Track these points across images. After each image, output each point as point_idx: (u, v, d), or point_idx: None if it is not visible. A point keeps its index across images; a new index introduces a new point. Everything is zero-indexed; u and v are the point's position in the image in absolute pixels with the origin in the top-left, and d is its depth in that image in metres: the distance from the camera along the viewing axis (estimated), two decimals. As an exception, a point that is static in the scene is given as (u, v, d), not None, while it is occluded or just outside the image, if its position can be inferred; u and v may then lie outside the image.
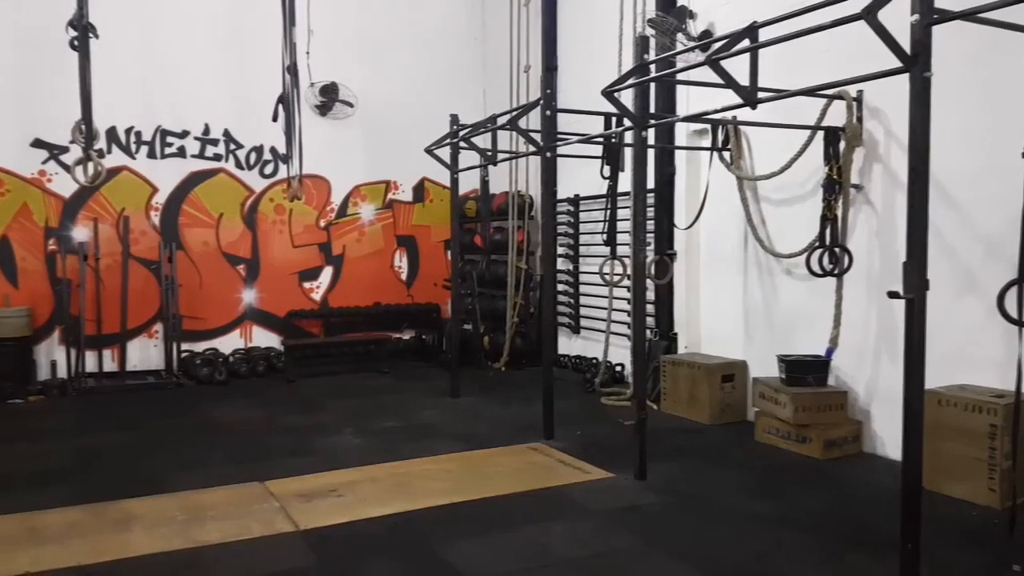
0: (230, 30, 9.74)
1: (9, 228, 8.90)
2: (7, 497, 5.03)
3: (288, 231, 10.39)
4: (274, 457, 6.03)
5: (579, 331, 9.68)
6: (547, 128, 6.42)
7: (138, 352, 9.44)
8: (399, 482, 5.39)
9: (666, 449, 5.98)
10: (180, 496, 5.07)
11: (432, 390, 8.66)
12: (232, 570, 3.96)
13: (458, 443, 6.39)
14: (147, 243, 9.48)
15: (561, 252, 9.67)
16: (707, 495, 5.06)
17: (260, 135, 9.91)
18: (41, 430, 7.01)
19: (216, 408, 7.88)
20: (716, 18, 7.30)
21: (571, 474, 5.51)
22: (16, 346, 8.56)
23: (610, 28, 8.23)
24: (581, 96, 9.26)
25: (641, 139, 5.25)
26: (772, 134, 6.51)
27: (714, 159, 7.09)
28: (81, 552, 4.15)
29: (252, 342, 10.12)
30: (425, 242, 11.27)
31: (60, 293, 8.92)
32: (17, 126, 8.84)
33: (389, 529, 4.50)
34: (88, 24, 6.63)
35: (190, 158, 9.74)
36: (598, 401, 7.93)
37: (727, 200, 7.11)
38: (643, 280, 5.42)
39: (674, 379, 7.33)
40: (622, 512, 4.74)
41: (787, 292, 6.77)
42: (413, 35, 10.86)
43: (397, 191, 11.07)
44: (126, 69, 8.99)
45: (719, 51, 4.35)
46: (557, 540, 4.33)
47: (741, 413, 7.04)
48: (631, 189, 5.70)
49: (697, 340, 7.79)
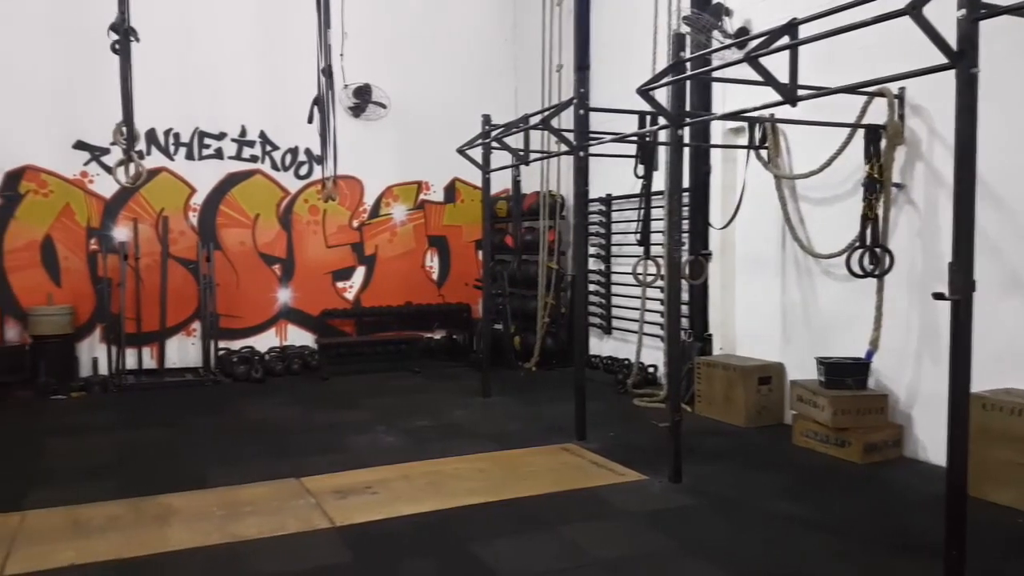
0: (266, 33, 9.87)
1: (52, 228, 9.12)
2: (52, 491, 5.14)
3: (322, 231, 10.50)
4: (309, 454, 6.08)
5: (611, 331, 9.63)
6: (580, 127, 6.40)
7: (177, 350, 9.60)
8: (432, 480, 5.40)
9: (701, 452, 5.93)
10: (218, 491, 5.14)
11: (463, 390, 8.68)
12: (270, 565, 4.00)
13: (490, 443, 6.39)
14: (186, 243, 9.64)
15: (593, 252, 9.63)
16: (743, 498, 5.00)
17: (295, 137, 10.03)
18: (83, 426, 7.15)
19: (252, 405, 7.98)
20: (752, 15, 7.21)
21: (604, 475, 5.47)
22: (59, 343, 8.75)
23: (643, 27, 8.17)
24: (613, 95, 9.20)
25: (677, 137, 5.20)
26: (810, 132, 6.41)
27: (751, 157, 7.01)
28: (122, 545, 4.22)
29: (287, 340, 10.24)
30: (456, 242, 11.31)
31: (101, 292, 9.10)
32: (60, 128, 9.05)
33: (423, 527, 4.51)
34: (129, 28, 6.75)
35: (227, 159, 9.90)
36: (630, 402, 7.88)
37: (764, 199, 7.02)
38: (678, 280, 5.37)
39: (709, 381, 7.26)
40: (657, 514, 4.70)
41: (826, 293, 6.67)
42: (445, 36, 10.91)
43: (428, 191, 11.12)
44: (165, 72, 9.15)
45: (758, 48, 4.31)
46: (591, 541, 4.30)
47: (778, 416, 6.95)
48: (666, 188, 5.67)
49: (732, 341, 7.70)
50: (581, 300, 6.83)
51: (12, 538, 4.30)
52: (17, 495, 5.02)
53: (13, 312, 8.92)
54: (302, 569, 3.97)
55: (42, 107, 8.94)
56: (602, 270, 9.68)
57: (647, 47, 8.03)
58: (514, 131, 7.66)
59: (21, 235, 9.00)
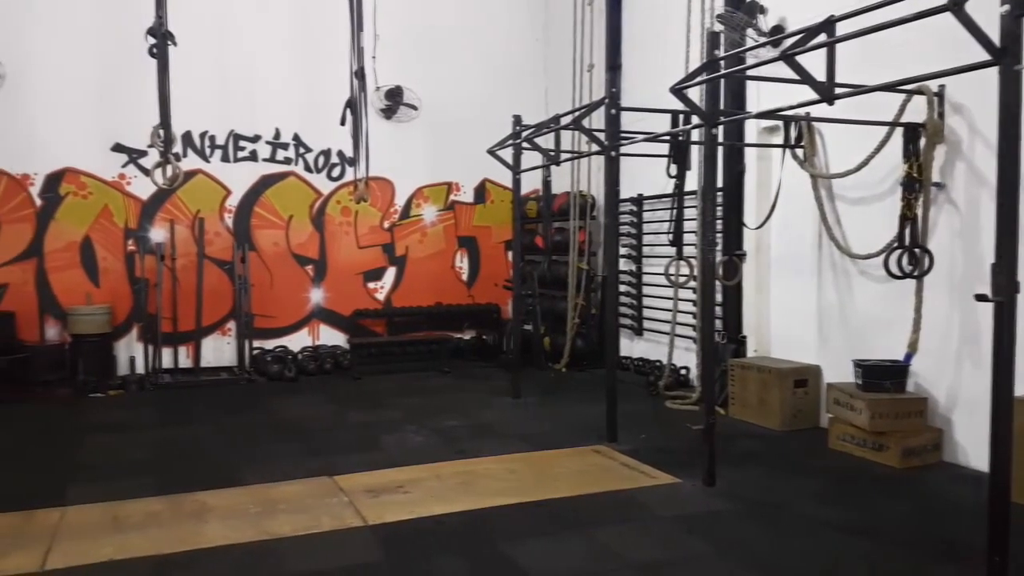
0: (300, 37, 9.97)
1: (91, 229, 9.30)
2: (92, 487, 5.24)
3: (354, 232, 10.58)
4: (342, 452, 6.13)
5: (642, 333, 9.57)
6: (612, 127, 6.37)
7: (212, 349, 9.74)
8: (464, 480, 5.41)
9: (735, 455, 5.87)
10: (252, 489, 5.20)
11: (493, 390, 8.68)
12: (304, 563, 4.03)
13: (520, 443, 6.38)
14: (221, 244, 9.78)
15: (624, 252, 9.58)
16: (779, 503, 4.94)
17: (328, 139, 10.13)
18: (121, 423, 7.28)
19: (286, 404, 8.06)
20: (787, 12, 7.12)
21: (636, 478, 5.44)
22: (98, 342, 8.92)
23: (676, 25, 8.12)
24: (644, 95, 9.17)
25: (711, 136, 5.16)
26: (847, 130, 6.31)
27: (786, 156, 6.93)
28: (160, 541, 4.29)
29: (319, 340, 10.34)
30: (486, 243, 11.33)
31: (138, 292, 9.27)
32: (99, 131, 9.23)
33: (455, 527, 4.52)
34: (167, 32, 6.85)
35: (261, 161, 10.03)
36: (662, 404, 7.82)
37: (800, 199, 6.92)
38: (712, 281, 5.33)
39: (743, 383, 7.18)
40: (690, 518, 4.66)
41: (863, 294, 6.56)
42: (476, 37, 10.94)
43: (459, 192, 11.16)
44: (202, 76, 9.28)
45: (794, 46, 4.27)
46: (625, 543, 4.28)
47: (813, 419, 6.85)
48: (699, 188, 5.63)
49: (767, 343, 7.61)
50: (612, 301, 6.80)
51: (53, 533, 4.38)
52: (58, 491, 5.11)
53: (53, 311, 9.12)
54: (336, 567, 4.00)
55: (81, 110, 9.13)
56: (633, 271, 9.63)
57: (680, 46, 7.97)
58: (545, 131, 7.65)
59: (61, 236, 9.20)
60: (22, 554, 4.09)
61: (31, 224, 9.09)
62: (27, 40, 8.86)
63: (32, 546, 4.19)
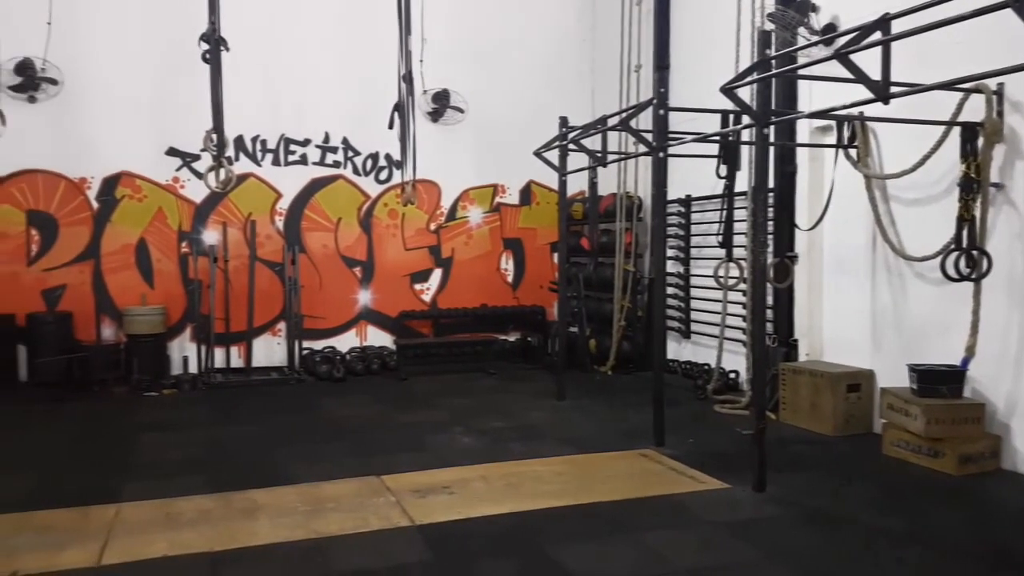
0: (350, 43, 10.10)
1: (146, 231, 9.55)
2: (146, 484, 5.36)
3: (400, 234, 10.67)
4: (389, 452, 6.18)
5: (689, 336, 9.46)
6: (660, 127, 6.31)
7: (263, 349, 9.92)
8: (510, 482, 5.41)
9: (786, 460, 5.75)
10: (302, 488, 5.27)
11: (538, 392, 8.67)
12: (352, 562, 4.07)
13: (565, 446, 6.36)
14: (272, 246, 9.96)
15: (671, 254, 9.49)
16: (831, 510, 4.84)
17: (376, 142, 10.24)
18: (174, 422, 7.45)
19: (334, 404, 8.16)
20: (839, 10, 6.98)
21: (685, 483, 5.37)
22: (152, 342, 9.15)
23: (725, 25, 8.02)
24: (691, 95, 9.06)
25: (762, 136, 5.07)
26: (902, 130, 6.16)
27: (839, 157, 6.78)
28: (212, 538, 4.37)
29: (367, 341, 10.46)
30: (531, 244, 11.32)
31: (192, 293, 9.48)
32: (153, 136, 9.48)
33: (502, 528, 4.52)
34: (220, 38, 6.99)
35: (311, 165, 10.19)
36: (710, 409, 7.72)
37: (853, 199, 6.77)
38: (763, 284, 5.24)
39: (794, 388, 7.05)
40: (741, 524, 4.58)
41: (919, 298, 6.38)
42: (522, 39, 10.95)
43: (504, 194, 11.18)
44: (253, 81, 9.45)
45: (848, 45, 4.19)
46: (674, 549, 4.23)
47: (867, 425, 6.69)
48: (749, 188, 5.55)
49: (819, 347, 7.46)
50: (659, 303, 6.73)
51: (108, 529, 4.49)
52: (113, 488, 5.25)
53: (109, 312, 9.38)
54: (384, 566, 4.03)
55: (136, 115, 9.38)
56: (681, 272, 9.53)
57: (729, 45, 7.86)
58: (592, 133, 7.62)
59: (117, 238, 9.47)
60: (79, 549, 4.20)
61: (88, 227, 9.38)
62: (84, 48, 9.13)
63: (89, 541, 4.30)
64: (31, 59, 8.86)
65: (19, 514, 4.74)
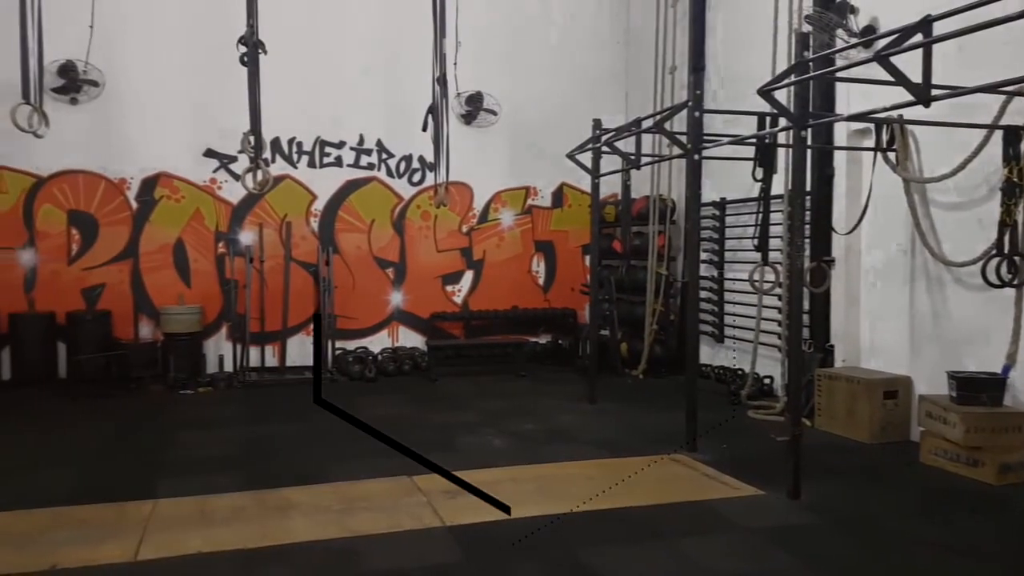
0: (385, 45, 10.17)
1: (184, 231, 9.70)
2: (182, 481, 5.43)
3: (433, 236, 10.72)
4: (421, 452, 6.17)
5: (723, 340, 9.37)
6: (695, 130, 6.26)
7: (297, 348, 10.01)
8: (541, 485, 5.40)
9: (821, 467, 5.66)
10: (335, 486, 5.31)
11: (569, 395, 8.64)
12: (384, 561, 4.09)
13: (597, 449, 6.33)
14: (306, 247, 10.06)
15: (705, 258, 9.40)
16: (867, 517, 4.75)
17: (409, 144, 10.30)
18: (210, 420, 7.55)
19: (366, 403, 8.19)
20: (879, 12, 6.88)
21: (718, 488, 5.32)
22: (189, 341, 9.29)
23: (762, 26, 7.92)
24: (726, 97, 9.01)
25: (800, 139, 5.00)
26: (942, 133, 6.05)
27: (878, 160, 6.67)
28: (247, 536, 4.42)
29: (399, 342, 10.51)
30: (563, 247, 11.30)
31: (228, 292, 9.61)
32: (191, 137, 9.62)
33: (532, 531, 4.50)
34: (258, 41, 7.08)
35: (346, 167, 10.27)
36: (744, 414, 7.63)
37: (892, 203, 6.66)
38: (800, 288, 5.17)
39: (830, 394, 6.94)
40: (775, 531, 4.52)
41: (959, 304, 6.25)
42: (556, 42, 10.94)
43: (536, 197, 11.17)
44: (290, 84, 9.53)
45: (889, 47, 4.12)
46: (707, 555, 4.19)
47: (904, 432, 6.57)
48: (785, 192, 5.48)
49: (856, 353, 7.34)
50: (692, 307, 6.67)
51: (144, 525, 4.56)
52: (150, 484, 5.34)
53: (147, 311, 9.54)
54: (416, 567, 4.04)
55: (175, 117, 9.52)
56: (715, 276, 9.44)
57: (765, 48, 7.77)
58: (625, 135, 7.58)
59: (155, 238, 9.62)
60: (116, 544, 4.27)
61: (127, 226, 9.55)
62: (124, 50, 9.29)
63: (125, 537, 4.37)
64: (73, 62, 9.04)
65: (58, 509, 4.84)
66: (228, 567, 4.03)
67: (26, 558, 4.08)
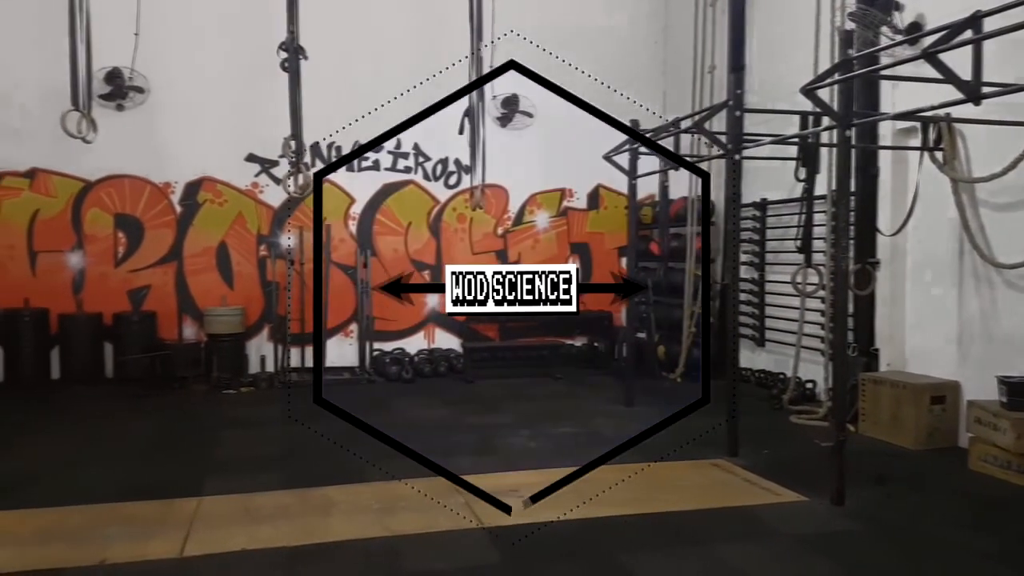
0: (421, 50, 10.21)
1: (227, 235, 9.86)
2: (227, 479, 5.51)
3: (468, 239, 10.75)
4: (458, 454, 6.20)
5: (764, 344, 9.24)
6: (735, 129, 6.20)
7: (336, 349, 10.13)
8: (578, 488, 5.35)
9: (866, 474, 5.54)
10: (374, 486, 5.35)
11: (605, 398, 8.59)
12: (423, 561, 4.12)
13: (634, 453, 6.25)
14: (345, 250, 10.17)
15: (745, 259, 9.28)
16: (914, 526, 4.65)
17: (446, 148, 10.35)
18: (252, 419, 7.66)
19: (404, 404, 8.26)
20: (925, 8, 6.73)
21: (759, 494, 5.25)
22: (231, 342, 9.45)
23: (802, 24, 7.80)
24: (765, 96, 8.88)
25: (844, 138, 4.92)
26: (991, 132, 5.89)
27: (924, 159, 6.53)
28: (289, 533, 4.48)
29: (435, 344, 10.57)
30: (598, 249, 11.25)
31: (269, 294, 9.76)
32: (234, 142, 9.79)
33: (570, 533, 4.49)
34: (299, 47, 7.19)
35: (383, 171, 10.37)
36: (785, 419, 7.51)
37: (939, 204, 6.52)
38: (845, 290, 5.08)
39: (875, 399, 6.81)
40: (819, 538, 4.45)
41: (1009, 307, 6.08)
42: (593, 42, 10.88)
43: (572, 198, 11.14)
44: (329, 88, 9.63)
45: (937, 44, 4.04)
46: (748, 561, 4.13)
47: (951, 438, 6.42)
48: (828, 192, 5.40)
49: (901, 357, 7.19)
50: (732, 309, 6.60)
51: (190, 522, 4.64)
52: (196, 482, 5.42)
53: (191, 312, 9.72)
54: (454, 567, 4.06)
55: (218, 122, 9.70)
56: (755, 278, 9.32)
57: (807, 46, 7.64)
58: (663, 136, 7.53)
59: (199, 241, 9.81)
60: (163, 540, 4.35)
61: (172, 229, 9.75)
62: (169, 57, 9.49)
63: (172, 533, 4.45)
64: (119, 69, 9.26)
65: (107, 505, 4.95)
66: (271, 564, 4.09)
67: (77, 552, 4.17)
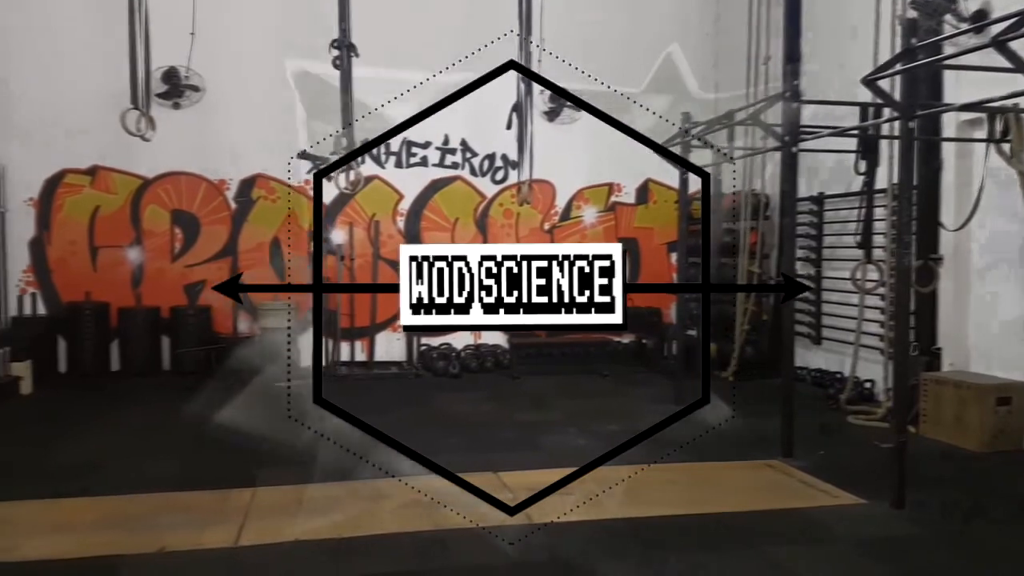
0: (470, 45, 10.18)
1: (279, 230, 10.02)
2: (280, 471, 5.57)
3: (515, 234, 10.73)
4: (505, 449, 6.20)
5: (820, 342, 9.01)
6: (792, 121, 6.04)
7: (384, 344, 10.22)
8: (627, 487, 5.29)
9: (927, 476, 5.37)
10: (423, 479, 5.34)
11: (654, 396, 8.47)
12: (472, 556, 4.13)
13: (684, 453, 6.16)
14: (393, 245, 10.23)
15: (801, 255, 9.06)
16: (978, 531, 4.49)
17: (493, 143, 10.34)
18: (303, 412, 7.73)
19: (451, 400, 8.29)
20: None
21: (815, 496, 5.12)
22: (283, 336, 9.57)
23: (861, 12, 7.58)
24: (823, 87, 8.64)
25: (908, 131, 4.76)
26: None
27: (990, 152, 6.28)
28: (341, 525, 4.53)
29: (481, 339, 10.57)
30: (647, 244, 11.12)
31: (319, 289, 9.85)
32: (285, 141, 9.89)
33: (619, 532, 4.45)
34: (350, 44, 7.24)
35: (431, 167, 10.41)
36: (843, 419, 7.31)
37: (1006, 198, 6.26)
38: (907, 288, 4.91)
39: (937, 400, 6.59)
40: (878, 542, 4.32)
41: (1081, 305, 5.83)
42: (643, 34, 10.74)
43: (620, 193, 11.03)
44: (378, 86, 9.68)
45: (1007, 32, 3.87)
46: (804, 565, 4.03)
47: (1018, 441, 6.18)
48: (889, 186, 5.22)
49: (965, 357, 6.95)
50: (788, 306, 6.44)
51: (245, 512, 4.72)
52: (250, 473, 5.51)
53: (245, 306, 9.89)
54: (501, 563, 4.06)
55: (271, 120, 9.83)
56: (811, 275, 9.09)
57: (866, 35, 7.42)
58: (716, 128, 7.39)
59: (253, 237, 9.99)
60: (219, 530, 4.44)
61: (227, 226, 9.94)
62: (224, 56, 9.64)
63: (227, 523, 4.54)
64: (176, 68, 9.46)
65: (165, 494, 5.07)
66: (323, 555, 4.14)
67: (137, 540, 4.28)
